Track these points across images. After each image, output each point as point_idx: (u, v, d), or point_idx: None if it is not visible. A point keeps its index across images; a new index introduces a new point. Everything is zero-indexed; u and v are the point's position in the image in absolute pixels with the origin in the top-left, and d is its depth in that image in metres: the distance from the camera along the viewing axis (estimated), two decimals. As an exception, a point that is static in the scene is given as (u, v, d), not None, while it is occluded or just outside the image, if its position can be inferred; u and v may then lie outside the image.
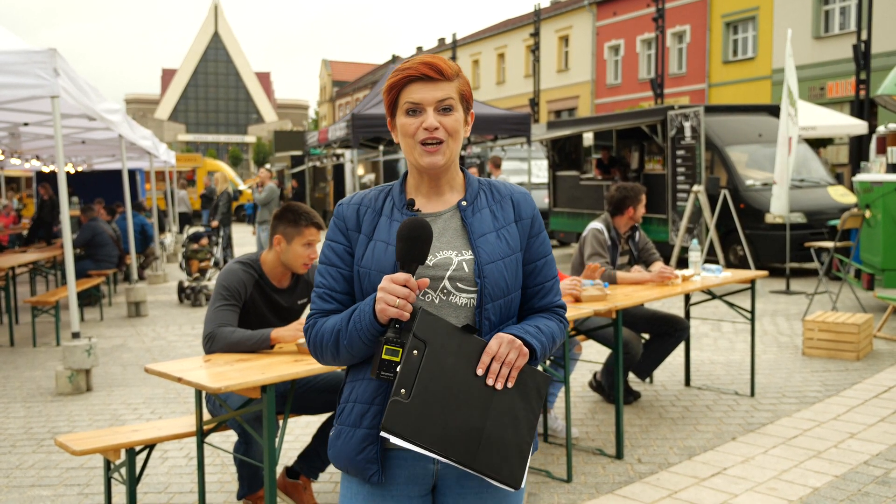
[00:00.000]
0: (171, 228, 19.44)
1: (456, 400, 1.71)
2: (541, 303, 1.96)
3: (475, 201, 1.92)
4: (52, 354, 7.83)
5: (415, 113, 1.85)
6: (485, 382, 1.74)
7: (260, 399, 3.03)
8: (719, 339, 7.81)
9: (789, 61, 10.18)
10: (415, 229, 1.73)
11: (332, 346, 1.84)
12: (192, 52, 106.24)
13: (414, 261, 1.74)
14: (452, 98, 1.86)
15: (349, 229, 1.92)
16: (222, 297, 3.61)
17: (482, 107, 14.26)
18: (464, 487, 1.88)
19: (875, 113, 17.53)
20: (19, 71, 5.92)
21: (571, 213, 15.28)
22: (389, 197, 1.94)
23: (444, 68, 1.85)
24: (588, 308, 4.37)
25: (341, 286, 1.90)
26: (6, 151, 12.29)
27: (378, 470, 1.81)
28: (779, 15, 26.22)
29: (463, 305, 1.84)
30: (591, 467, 4.43)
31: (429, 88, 1.84)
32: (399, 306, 1.69)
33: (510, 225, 1.92)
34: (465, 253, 1.85)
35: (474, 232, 1.87)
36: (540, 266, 1.95)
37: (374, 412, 1.80)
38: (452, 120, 1.85)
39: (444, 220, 1.90)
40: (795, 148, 10.35)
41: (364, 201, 1.94)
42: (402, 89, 1.86)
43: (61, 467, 4.62)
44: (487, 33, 42.59)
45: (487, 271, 1.83)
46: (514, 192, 1.97)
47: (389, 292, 1.70)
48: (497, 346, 1.75)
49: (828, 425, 5.03)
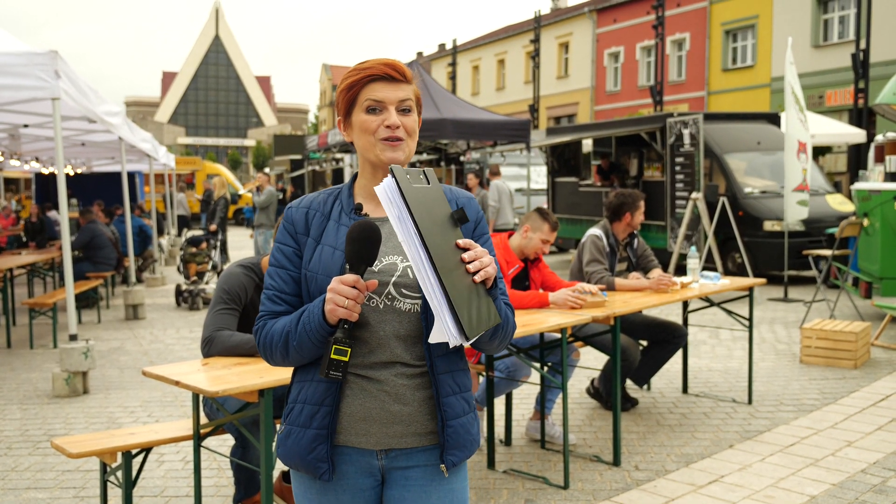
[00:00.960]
0: (170, 231, 19.44)
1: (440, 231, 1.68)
2: None
3: None
4: (49, 356, 7.82)
5: (375, 111, 1.88)
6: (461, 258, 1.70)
7: (257, 403, 3.02)
8: (717, 347, 7.81)
9: (791, 69, 10.19)
10: (364, 231, 1.75)
11: (282, 348, 1.86)
12: (192, 56, 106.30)
13: (363, 263, 1.75)
14: (411, 100, 1.91)
15: (298, 233, 1.95)
16: (222, 301, 3.60)
17: (482, 112, 14.28)
18: (408, 479, 1.90)
19: (873, 121, 17.58)
20: (20, 73, 5.92)
21: (570, 220, 15.29)
22: (338, 201, 1.96)
23: (404, 70, 1.90)
24: (586, 314, 4.36)
25: (291, 288, 1.93)
26: (6, 153, 12.28)
27: (328, 468, 1.86)
28: (778, 23, 26.29)
29: (407, 311, 1.85)
30: (589, 474, 4.43)
31: (391, 88, 1.88)
32: (348, 307, 1.71)
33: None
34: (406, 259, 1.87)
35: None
36: None
37: (324, 413, 1.85)
38: (411, 120, 1.91)
39: (391, 225, 1.92)
40: (810, 153, 10.37)
41: (313, 205, 1.97)
42: (363, 87, 1.89)
43: (57, 470, 4.61)
44: (488, 39, 42.69)
45: None
46: (459, 196, 1.99)
47: (339, 293, 1.72)
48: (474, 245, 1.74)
49: (825, 433, 5.03)
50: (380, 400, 1.83)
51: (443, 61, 45.36)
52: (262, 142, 76.22)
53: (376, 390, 1.83)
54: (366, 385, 1.84)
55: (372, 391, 1.84)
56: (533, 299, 4.58)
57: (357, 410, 1.85)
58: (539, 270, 4.94)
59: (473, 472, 4.47)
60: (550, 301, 4.58)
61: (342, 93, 1.93)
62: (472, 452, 1.94)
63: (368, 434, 1.85)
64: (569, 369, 4.86)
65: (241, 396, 3.03)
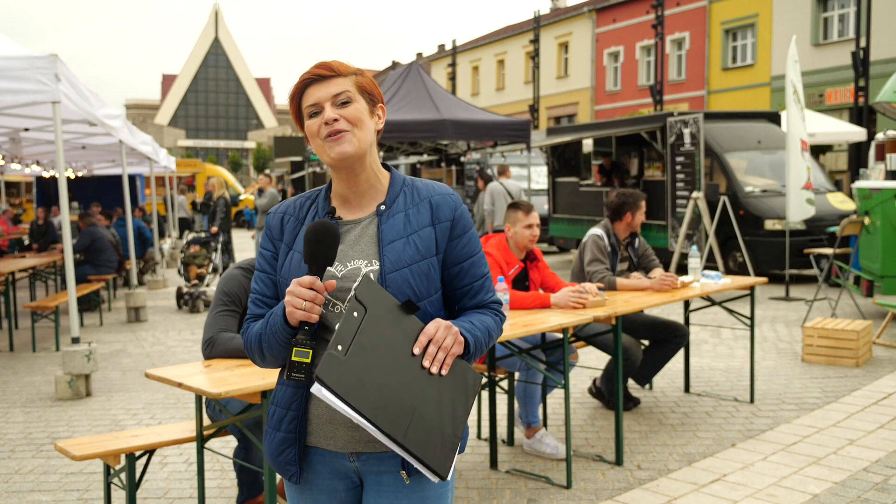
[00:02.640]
0: (171, 234, 19.45)
1: (391, 372, 1.68)
2: (472, 302, 1.96)
3: (393, 205, 1.91)
4: (51, 359, 7.83)
5: (316, 115, 1.87)
6: (421, 364, 1.72)
7: (260, 404, 3.03)
8: (719, 346, 7.81)
9: (795, 66, 10.15)
10: (318, 232, 1.75)
11: (258, 350, 1.88)
12: (192, 58, 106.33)
13: (320, 263, 1.75)
14: (349, 90, 1.87)
15: (274, 238, 1.96)
16: (222, 303, 3.61)
17: (482, 113, 14.28)
18: (381, 485, 1.88)
19: (874, 120, 17.58)
20: (20, 76, 5.93)
21: (571, 220, 15.30)
22: (314, 205, 1.96)
23: (335, 66, 1.89)
24: (588, 314, 4.37)
25: (271, 291, 1.94)
26: (7, 156, 12.30)
27: (297, 471, 1.88)
28: (778, 22, 26.29)
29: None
30: (591, 473, 4.43)
31: (322, 87, 1.86)
32: (306, 308, 1.71)
33: (423, 229, 1.89)
34: (374, 262, 1.85)
35: (384, 239, 1.87)
36: (466, 267, 1.93)
37: (291, 417, 1.86)
38: (352, 109, 1.86)
39: (362, 228, 1.91)
40: (808, 150, 10.35)
41: (289, 210, 1.97)
42: (301, 96, 1.90)
43: (61, 472, 4.62)
44: (487, 40, 42.68)
45: (391, 280, 1.82)
46: (434, 193, 1.94)
47: (296, 295, 1.71)
48: (435, 329, 1.75)
49: (827, 432, 5.03)
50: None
51: (442, 62, 45.37)
52: (263, 144, 76.25)
53: None
54: None
55: None
56: (535, 300, 4.57)
57: (322, 413, 1.85)
58: (539, 270, 4.94)
59: (476, 473, 4.48)
60: (552, 302, 4.58)
61: (290, 106, 1.94)
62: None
63: (335, 437, 1.85)
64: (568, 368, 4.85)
65: (243, 398, 3.04)
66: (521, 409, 4.85)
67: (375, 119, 1.93)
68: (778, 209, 11.57)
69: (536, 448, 4.76)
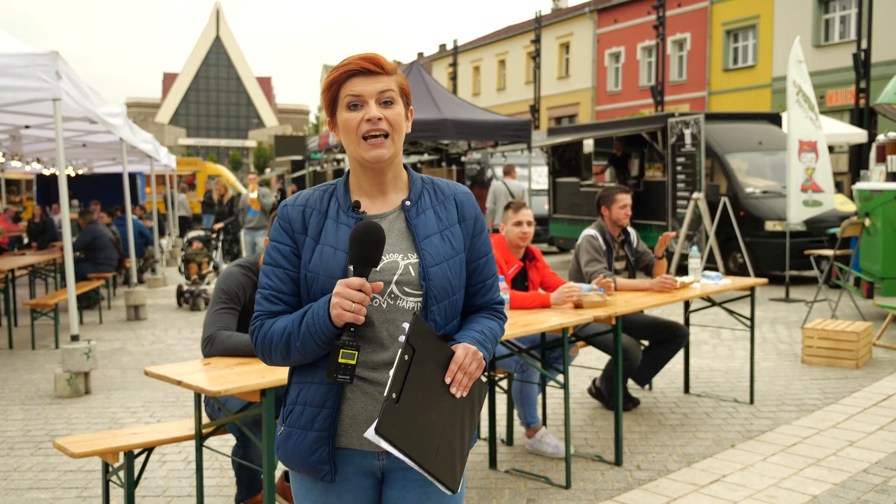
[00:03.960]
0: (171, 232, 19.44)
1: (431, 406, 1.75)
2: (482, 300, 2.00)
3: (419, 201, 1.93)
4: (50, 357, 7.82)
5: (356, 107, 1.85)
6: (448, 390, 1.78)
7: (259, 403, 3.02)
8: (719, 347, 7.81)
9: (801, 67, 10.10)
10: (369, 234, 1.74)
11: (283, 348, 1.84)
12: (193, 57, 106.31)
13: (367, 265, 1.75)
14: (393, 91, 1.87)
15: (295, 231, 1.91)
16: (221, 301, 3.60)
17: (483, 113, 14.28)
18: (408, 480, 1.90)
19: (875, 121, 17.57)
20: (21, 74, 5.92)
21: (571, 220, 15.29)
22: (334, 198, 1.93)
23: (383, 62, 1.87)
24: (588, 314, 4.36)
25: (289, 288, 1.90)
26: (7, 154, 12.30)
27: (331, 470, 1.86)
28: (779, 23, 26.29)
29: (410, 309, 1.85)
30: (590, 474, 4.42)
31: (370, 81, 1.85)
32: (355, 311, 1.71)
33: (454, 226, 1.93)
34: (410, 256, 1.86)
35: (419, 234, 1.88)
36: (482, 265, 1.98)
37: (325, 415, 1.84)
38: (394, 113, 1.86)
39: (389, 222, 1.90)
40: (824, 153, 10.18)
41: (309, 202, 1.93)
42: (342, 84, 1.87)
43: (59, 470, 4.62)
44: (488, 40, 42.67)
45: (432, 274, 1.84)
46: (458, 191, 1.98)
47: (345, 297, 1.71)
48: (463, 356, 1.79)
49: (827, 433, 5.03)
50: (380, 402, 1.79)
51: (444, 62, 45.36)
52: (263, 143, 76.24)
53: (377, 392, 1.82)
54: (367, 387, 1.83)
55: (373, 393, 1.83)
56: (535, 300, 4.57)
57: (359, 413, 1.84)
58: (538, 270, 4.93)
59: (475, 472, 4.47)
60: (552, 302, 4.58)
61: (325, 92, 1.91)
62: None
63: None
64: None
65: (242, 396, 3.04)
66: (519, 410, 4.85)
67: (407, 123, 1.95)
68: (778, 210, 11.56)
69: (538, 448, 4.76)
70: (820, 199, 10.07)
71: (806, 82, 10.13)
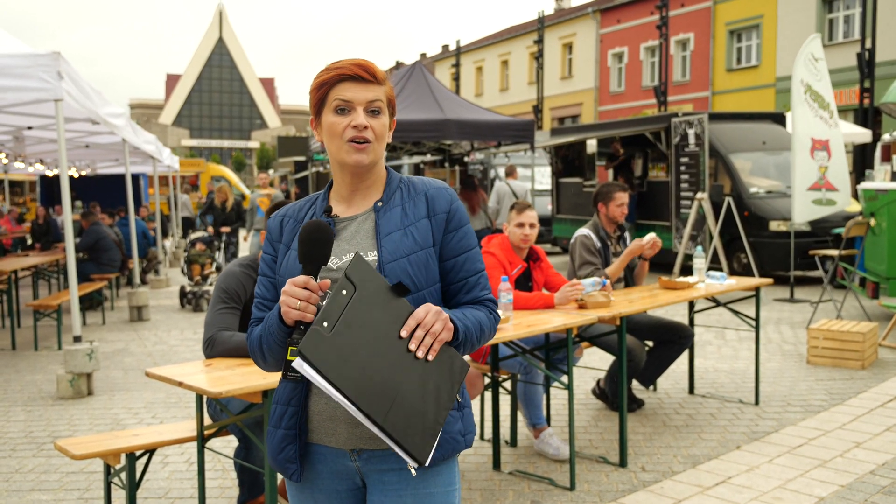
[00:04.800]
0: (174, 233, 19.45)
1: (376, 352, 1.68)
2: (467, 297, 1.95)
3: (390, 200, 1.93)
4: (53, 358, 7.81)
5: (343, 112, 1.86)
6: (407, 347, 1.71)
7: (261, 404, 3.00)
8: (723, 347, 7.77)
9: (820, 65, 9.98)
10: (314, 231, 1.75)
11: (260, 353, 1.88)
12: (196, 58, 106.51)
13: (313, 262, 1.74)
14: (381, 101, 1.88)
15: (274, 240, 1.97)
16: (221, 301, 3.58)
17: (486, 113, 14.25)
18: (385, 483, 1.86)
19: (879, 121, 17.53)
20: (23, 74, 5.91)
21: (575, 220, 15.26)
22: (314, 206, 1.97)
23: (375, 71, 1.88)
24: (592, 315, 4.34)
25: (272, 294, 1.94)
26: (10, 155, 12.30)
27: (297, 469, 1.86)
28: (783, 23, 26.24)
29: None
30: (595, 475, 4.40)
31: (360, 88, 1.86)
32: (300, 308, 1.70)
33: (420, 221, 1.90)
34: (370, 254, 1.86)
35: (381, 231, 1.88)
36: (461, 262, 1.94)
37: (290, 413, 1.85)
38: (380, 123, 1.88)
39: (358, 223, 1.92)
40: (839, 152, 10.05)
41: (289, 212, 1.99)
42: (332, 87, 1.87)
43: (61, 471, 4.60)
44: (491, 40, 42.66)
45: (389, 269, 1.83)
46: (430, 187, 1.96)
47: (290, 294, 1.71)
48: (424, 313, 1.73)
49: (833, 434, 4.99)
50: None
51: (446, 62, 45.35)
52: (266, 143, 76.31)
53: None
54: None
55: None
56: (538, 301, 4.55)
57: (323, 409, 1.84)
58: (542, 270, 4.91)
59: (479, 474, 4.45)
60: (556, 302, 4.56)
61: (313, 91, 1.91)
62: (451, 452, 1.85)
63: (336, 433, 1.84)
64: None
65: (244, 397, 3.02)
66: (524, 411, 4.83)
67: (389, 133, 1.96)
68: (783, 210, 11.52)
69: (542, 448, 4.74)
70: (834, 197, 9.95)
71: (820, 80, 9.99)
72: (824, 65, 10.13)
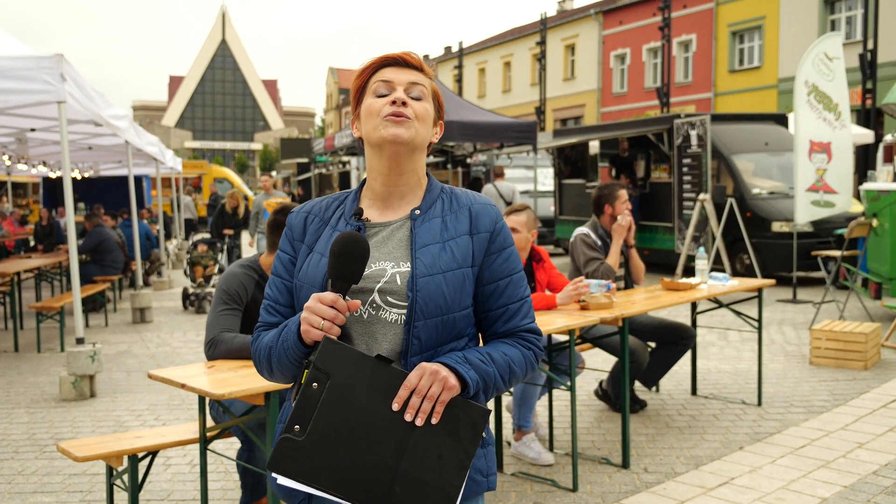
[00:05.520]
0: (177, 235, 19.47)
1: (363, 437, 1.53)
2: (505, 327, 1.77)
3: (429, 210, 1.77)
4: (56, 360, 7.82)
5: (383, 96, 1.73)
6: (402, 418, 1.55)
7: (264, 406, 3.01)
8: (726, 348, 7.77)
9: (836, 64, 9.91)
10: (348, 245, 1.59)
11: (267, 364, 1.74)
12: (199, 60, 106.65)
13: (344, 280, 1.59)
14: (425, 87, 1.77)
15: (295, 239, 1.81)
16: (223, 302, 3.58)
17: (488, 114, 14.26)
18: None
19: (881, 122, 17.51)
20: (26, 76, 5.92)
21: (577, 222, 15.24)
22: (342, 206, 1.81)
23: (420, 62, 1.78)
24: (594, 316, 4.34)
25: (285, 299, 1.79)
26: (13, 157, 12.32)
27: (305, 498, 1.69)
28: (785, 24, 26.22)
29: (393, 322, 1.68)
30: (598, 476, 4.39)
31: (403, 72, 1.75)
32: (324, 328, 1.56)
33: (461, 237, 1.74)
34: (402, 265, 1.70)
35: (417, 242, 1.71)
36: (503, 286, 1.76)
37: None
38: (421, 106, 1.74)
39: (391, 230, 1.75)
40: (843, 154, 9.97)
41: (314, 209, 1.83)
42: (374, 73, 1.77)
43: (64, 473, 4.61)
44: (494, 42, 42.67)
45: (422, 284, 1.66)
46: (475, 202, 1.80)
47: (315, 312, 1.57)
48: (417, 378, 1.56)
49: (836, 435, 4.99)
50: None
51: (449, 64, 45.38)
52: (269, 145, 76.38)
53: None
54: None
55: None
56: (541, 301, 4.55)
57: None
58: (545, 271, 4.91)
59: (481, 475, 4.44)
60: (558, 303, 4.56)
61: (355, 80, 1.80)
62: (470, 494, 1.69)
63: None
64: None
65: (247, 399, 3.02)
66: (514, 412, 4.79)
67: (436, 129, 1.82)
68: (785, 211, 11.50)
69: (522, 451, 4.68)
70: (833, 199, 9.93)
71: (833, 80, 9.87)
72: (840, 64, 9.99)
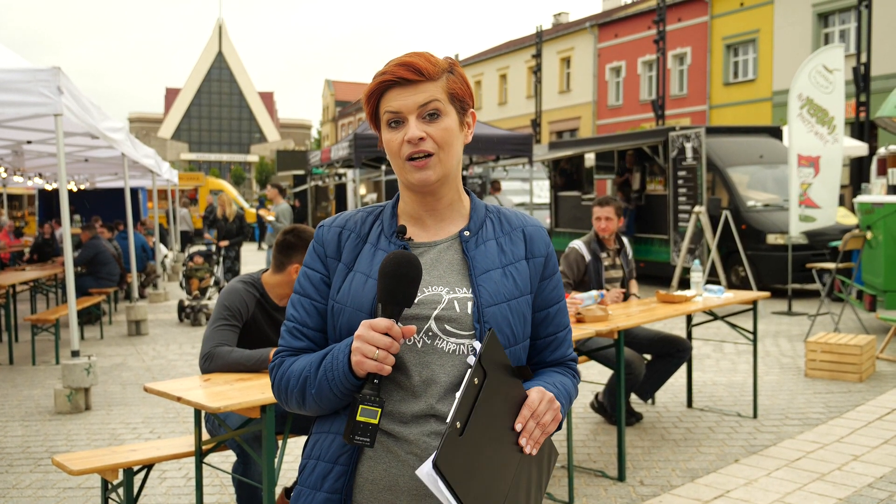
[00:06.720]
0: (173, 247, 19.45)
1: (496, 453, 1.45)
2: (553, 356, 1.70)
3: (480, 231, 1.65)
4: (51, 373, 7.80)
5: (397, 125, 1.57)
6: (517, 441, 1.48)
7: (259, 419, 3.01)
8: (721, 361, 7.78)
9: (835, 76, 9.95)
10: (401, 266, 1.46)
11: (298, 394, 1.57)
12: (195, 72, 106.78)
13: (397, 304, 1.47)
14: (438, 100, 1.57)
15: (328, 256, 1.65)
16: (222, 317, 3.59)
17: (484, 127, 14.31)
18: None
19: (875, 135, 17.57)
20: (23, 89, 5.94)
21: (573, 234, 15.28)
22: (378, 221, 1.67)
23: (423, 67, 1.56)
24: (590, 328, 4.35)
25: (314, 321, 1.64)
26: (9, 169, 12.32)
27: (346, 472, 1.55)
28: (779, 37, 26.37)
29: (451, 352, 1.54)
30: (593, 489, 4.39)
31: (409, 92, 1.56)
32: (379, 358, 1.44)
33: (520, 262, 1.64)
34: (459, 290, 1.57)
35: (476, 267, 1.59)
36: (553, 313, 1.68)
37: (338, 473, 1.54)
38: (440, 128, 1.57)
39: (439, 251, 1.63)
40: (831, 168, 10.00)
41: (348, 224, 1.68)
42: (380, 98, 1.60)
43: (59, 487, 4.59)
44: (490, 54, 42.84)
45: (489, 315, 1.54)
46: (528, 224, 1.71)
47: (368, 341, 1.44)
48: (538, 401, 1.49)
49: (831, 447, 4.99)
50: (408, 465, 1.50)
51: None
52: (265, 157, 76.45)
53: (404, 452, 1.51)
54: (392, 445, 1.52)
55: (399, 453, 1.51)
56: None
57: (380, 477, 1.52)
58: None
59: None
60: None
61: (364, 105, 1.67)
62: None
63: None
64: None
65: (242, 412, 3.02)
66: None
67: (465, 131, 1.65)
68: (780, 223, 11.55)
69: None
70: (813, 214, 10.00)
71: (831, 93, 9.90)
72: (841, 76, 10.03)
